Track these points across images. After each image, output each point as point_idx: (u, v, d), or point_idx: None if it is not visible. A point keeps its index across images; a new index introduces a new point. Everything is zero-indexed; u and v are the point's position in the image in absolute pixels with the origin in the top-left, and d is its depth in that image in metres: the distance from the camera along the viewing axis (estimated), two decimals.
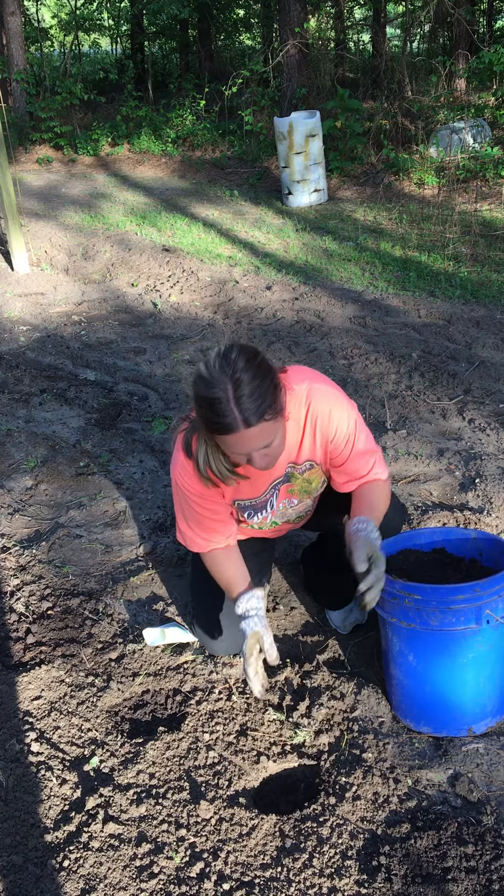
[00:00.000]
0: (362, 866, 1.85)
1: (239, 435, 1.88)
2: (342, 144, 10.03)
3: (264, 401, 1.86)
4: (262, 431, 1.89)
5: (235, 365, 1.84)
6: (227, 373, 1.84)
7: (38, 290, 6.40)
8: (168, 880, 1.82)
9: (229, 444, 1.93)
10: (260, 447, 1.93)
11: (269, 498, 2.33)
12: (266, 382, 1.87)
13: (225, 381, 1.83)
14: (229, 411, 1.83)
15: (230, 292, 6.17)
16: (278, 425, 1.96)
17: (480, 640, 2.09)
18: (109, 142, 12.62)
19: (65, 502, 3.45)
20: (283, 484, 2.31)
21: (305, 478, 2.31)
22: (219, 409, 1.84)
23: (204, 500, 2.25)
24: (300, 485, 2.32)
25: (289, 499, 2.36)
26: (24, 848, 1.89)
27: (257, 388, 1.85)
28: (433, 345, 5.02)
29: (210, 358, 1.88)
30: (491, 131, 9.66)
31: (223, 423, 1.85)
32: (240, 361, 1.85)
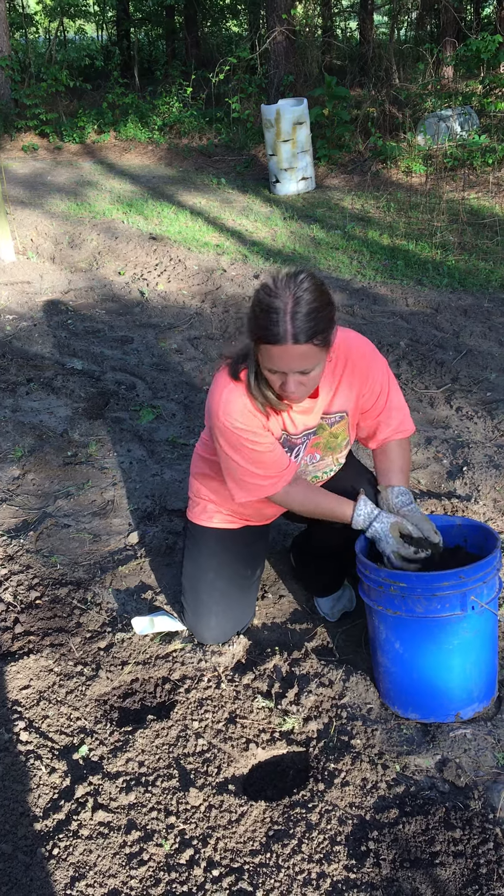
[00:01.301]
0: (351, 851, 1.86)
1: (284, 349, 1.93)
2: (330, 132, 10.00)
3: (317, 325, 1.93)
4: (306, 353, 1.95)
5: (301, 285, 1.93)
6: (291, 289, 1.92)
7: (24, 279, 6.36)
8: (158, 867, 1.83)
9: (273, 355, 1.97)
10: (299, 370, 1.98)
11: (299, 443, 2.32)
12: (324, 310, 1.95)
13: (287, 295, 1.91)
14: (283, 322, 1.91)
15: (218, 281, 6.15)
16: (322, 356, 2.01)
17: (466, 626, 2.11)
18: (95, 129, 12.53)
19: (52, 492, 3.44)
20: (313, 436, 2.33)
21: (332, 432, 2.33)
22: (274, 318, 1.91)
23: (256, 434, 2.18)
24: (326, 439, 2.34)
25: (312, 454, 2.37)
26: (13, 836, 1.90)
27: (314, 310, 1.92)
28: (421, 333, 5.03)
29: (280, 274, 1.97)
30: (478, 119, 9.64)
31: (273, 331, 1.92)
32: (305, 283, 1.93)
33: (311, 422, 2.30)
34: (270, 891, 1.78)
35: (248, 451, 2.21)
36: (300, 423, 2.28)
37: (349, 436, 2.39)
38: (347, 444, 2.41)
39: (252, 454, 2.21)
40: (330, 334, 2.00)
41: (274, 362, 1.98)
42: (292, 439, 2.31)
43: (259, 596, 2.79)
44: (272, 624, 2.68)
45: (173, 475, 3.53)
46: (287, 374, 2.00)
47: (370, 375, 2.29)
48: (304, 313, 1.91)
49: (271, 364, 2.00)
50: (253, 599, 2.61)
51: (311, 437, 2.34)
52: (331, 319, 1.99)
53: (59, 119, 12.57)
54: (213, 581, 2.50)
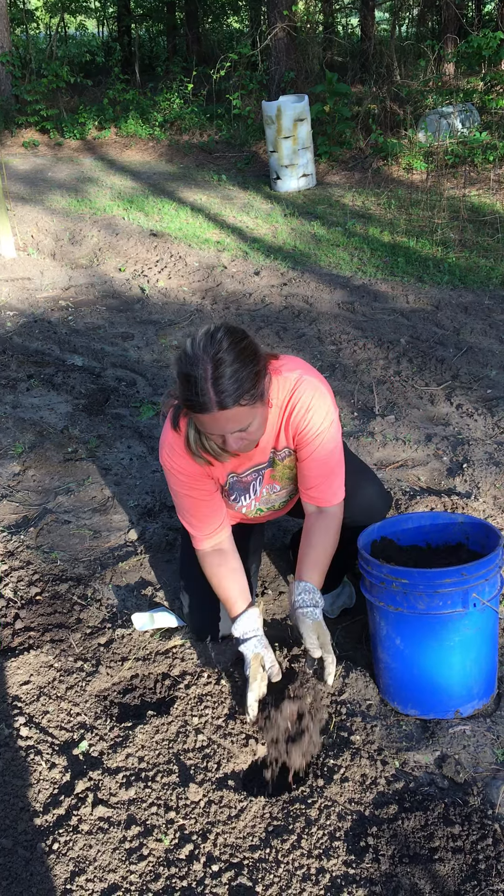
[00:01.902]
0: (350, 847, 1.87)
1: (213, 416, 1.88)
2: (330, 129, 9.98)
3: (241, 385, 1.86)
4: (236, 415, 1.89)
5: (220, 346, 1.85)
6: (210, 352, 1.84)
7: (25, 275, 6.36)
8: (157, 862, 1.83)
9: (204, 423, 1.94)
10: (234, 430, 1.94)
11: (252, 480, 2.33)
12: (248, 367, 1.88)
13: (206, 361, 1.84)
14: (205, 391, 1.84)
15: (218, 277, 6.15)
16: (255, 411, 1.95)
17: (467, 623, 2.11)
18: (96, 125, 12.52)
19: (53, 488, 3.44)
20: (267, 469, 2.32)
21: (286, 464, 2.31)
22: (196, 387, 1.85)
23: (193, 479, 2.23)
24: (281, 471, 2.33)
25: (271, 485, 2.37)
26: (13, 831, 1.90)
27: (237, 371, 1.85)
28: (421, 330, 5.03)
29: (197, 335, 1.89)
30: (479, 116, 9.63)
31: (198, 401, 1.86)
32: (224, 342, 1.86)
33: (260, 458, 2.28)
34: (270, 886, 1.79)
35: (186, 497, 2.27)
36: (246, 465, 2.28)
37: None
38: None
39: (189, 501, 2.28)
40: (258, 387, 1.92)
41: (207, 428, 1.96)
42: (242, 478, 2.32)
43: (259, 592, 2.79)
44: (272, 620, 2.69)
45: None
46: (226, 435, 1.96)
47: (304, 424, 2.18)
48: (226, 377, 1.83)
49: (205, 429, 1.98)
50: (252, 596, 2.61)
51: (267, 470, 2.32)
52: (257, 372, 1.91)
53: (60, 115, 12.55)
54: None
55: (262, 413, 2.01)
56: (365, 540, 2.32)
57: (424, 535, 2.45)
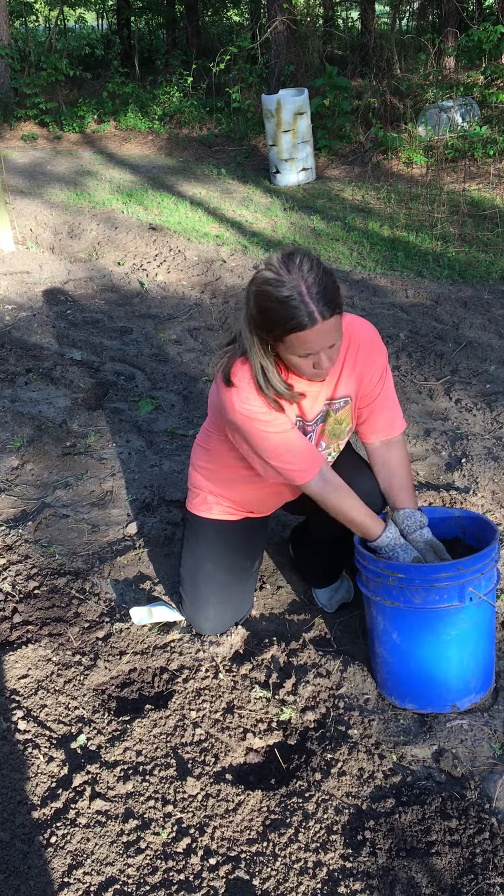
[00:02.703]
0: (347, 841, 1.87)
1: (315, 329, 1.93)
2: (330, 123, 9.96)
3: (335, 296, 1.96)
4: (335, 325, 1.97)
5: (302, 266, 1.92)
6: (297, 272, 1.91)
7: (24, 269, 6.35)
8: (155, 856, 1.84)
9: (307, 340, 1.96)
10: (331, 344, 1.99)
11: (310, 432, 2.31)
12: (332, 280, 1.96)
13: (297, 279, 1.91)
14: (306, 306, 1.90)
15: (217, 272, 6.14)
16: (341, 324, 2.02)
17: (464, 617, 2.11)
18: (95, 119, 12.48)
19: (51, 482, 3.44)
20: (321, 423, 2.32)
21: (337, 418, 2.32)
22: (294, 304, 1.91)
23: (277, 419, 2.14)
24: (331, 426, 2.33)
25: (318, 442, 2.36)
26: (11, 825, 1.90)
27: (327, 283, 1.93)
28: (420, 325, 5.02)
29: (273, 263, 1.95)
30: (479, 110, 9.61)
31: (300, 318, 1.91)
32: (305, 264, 1.93)
33: (319, 408, 2.29)
34: (267, 879, 1.79)
35: (273, 434, 2.15)
36: (311, 410, 2.28)
37: (352, 422, 2.38)
38: (350, 430, 2.39)
39: (280, 437, 2.15)
40: (342, 298, 2.02)
41: (309, 345, 1.97)
42: (307, 427, 2.30)
43: (257, 587, 2.79)
44: (270, 615, 2.69)
45: (172, 466, 3.53)
46: (320, 353, 2.00)
47: (372, 359, 2.28)
48: (320, 288, 1.92)
49: (305, 349, 1.98)
50: (251, 590, 2.62)
51: (320, 424, 2.33)
52: (337, 285, 2.00)
53: (59, 108, 12.51)
54: (211, 572, 2.51)
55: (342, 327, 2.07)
56: None
57: None
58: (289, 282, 1.91)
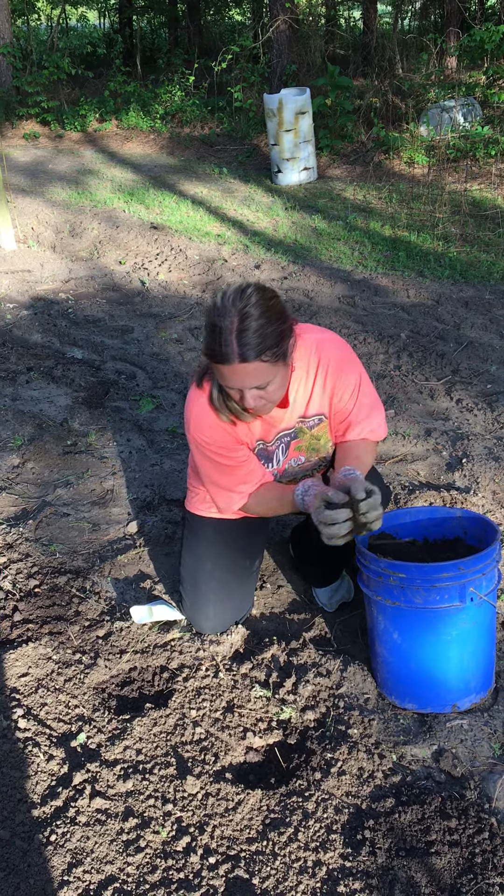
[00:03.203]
0: (347, 840, 1.87)
1: (233, 368, 1.93)
2: (332, 122, 9.95)
3: (265, 341, 1.90)
4: (256, 370, 1.93)
5: (248, 300, 1.91)
6: (238, 305, 1.90)
7: (25, 268, 6.35)
8: (154, 854, 1.84)
9: (224, 374, 1.97)
10: (253, 386, 1.98)
11: (275, 449, 2.33)
12: (273, 324, 1.92)
13: (233, 313, 1.89)
14: (229, 342, 1.89)
15: (219, 271, 6.14)
16: (276, 370, 1.98)
17: (464, 617, 2.11)
18: (97, 117, 12.47)
19: (52, 481, 3.44)
20: (293, 440, 2.32)
21: (314, 434, 2.32)
22: (220, 338, 1.90)
23: (222, 447, 2.22)
24: (308, 441, 2.33)
25: (296, 457, 2.37)
26: (11, 823, 1.91)
27: (262, 326, 1.90)
28: (422, 325, 5.02)
29: (229, 289, 1.95)
30: (481, 110, 9.60)
31: (221, 352, 1.91)
32: (253, 298, 1.91)
33: (287, 425, 2.30)
34: (266, 878, 1.79)
35: (217, 465, 2.26)
36: (272, 431, 2.29)
37: (331, 437, 2.38)
38: (332, 444, 2.40)
39: (222, 468, 2.26)
40: (282, 346, 1.96)
41: (226, 381, 2.00)
42: (268, 447, 2.33)
43: (258, 586, 2.79)
44: (270, 614, 2.69)
45: (172, 465, 3.54)
46: (244, 391, 2.00)
47: (342, 378, 2.26)
48: (251, 331, 1.88)
49: (224, 382, 2.02)
50: (251, 589, 2.62)
51: (293, 441, 2.33)
52: (283, 331, 1.95)
53: (61, 107, 12.50)
54: (211, 571, 2.51)
55: (283, 374, 2.04)
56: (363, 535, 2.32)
57: (422, 530, 2.45)
58: (226, 314, 1.90)
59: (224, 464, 2.26)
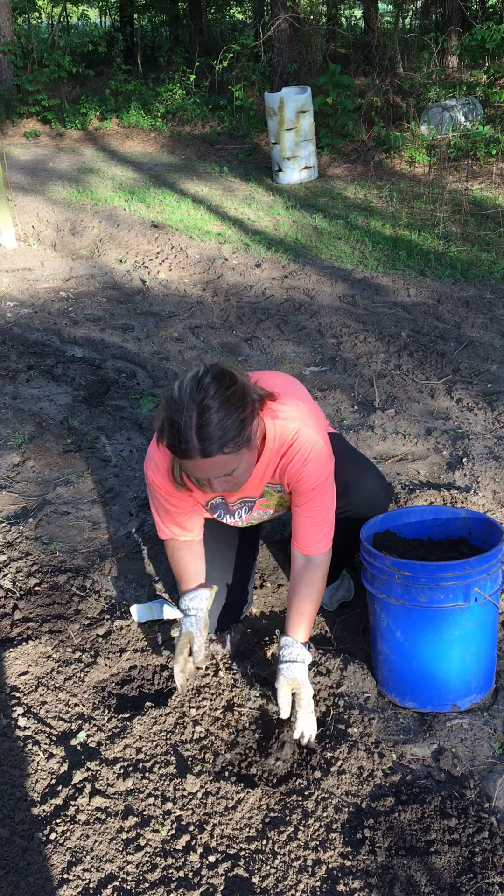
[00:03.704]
0: (347, 839, 1.87)
1: (195, 462, 1.87)
2: (333, 121, 9.95)
3: (225, 433, 1.83)
4: (219, 462, 1.88)
5: (206, 392, 1.82)
6: (196, 399, 1.82)
7: (26, 266, 6.35)
8: (154, 853, 1.84)
9: (187, 468, 1.94)
10: (218, 476, 1.93)
11: (237, 509, 2.33)
12: (233, 415, 1.85)
13: (191, 408, 1.81)
14: (189, 439, 1.82)
15: (219, 270, 6.14)
16: (240, 457, 1.92)
17: (468, 617, 2.11)
18: (98, 116, 12.47)
19: (52, 479, 3.44)
20: (260, 499, 2.31)
21: (281, 496, 2.31)
22: (180, 434, 1.83)
23: (171, 496, 2.26)
24: (277, 500, 2.33)
25: (265, 510, 2.37)
26: (10, 821, 1.90)
27: (222, 419, 1.82)
28: (422, 324, 5.02)
29: (185, 379, 1.87)
30: (482, 109, 9.60)
31: (181, 448, 1.85)
32: (210, 389, 1.83)
33: (251, 493, 2.27)
34: (266, 877, 1.79)
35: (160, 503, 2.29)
36: (232, 498, 2.28)
37: None
38: None
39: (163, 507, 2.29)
40: (244, 434, 1.88)
41: (190, 472, 1.97)
42: (230, 506, 2.33)
43: (257, 585, 2.79)
44: (270, 613, 2.69)
45: None
46: (210, 479, 1.95)
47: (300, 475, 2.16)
48: (211, 425, 1.81)
49: (189, 473, 1.99)
50: (249, 587, 2.62)
51: (260, 499, 2.31)
52: (244, 419, 1.88)
53: (62, 105, 12.50)
54: (208, 570, 2.50)
55: (248, 458, 1.98)
56: (367, 532, 2.32)
57: (426, 529, 2.45)
58: (183, 409, 1.82)
59: (167, 507, 2.29)
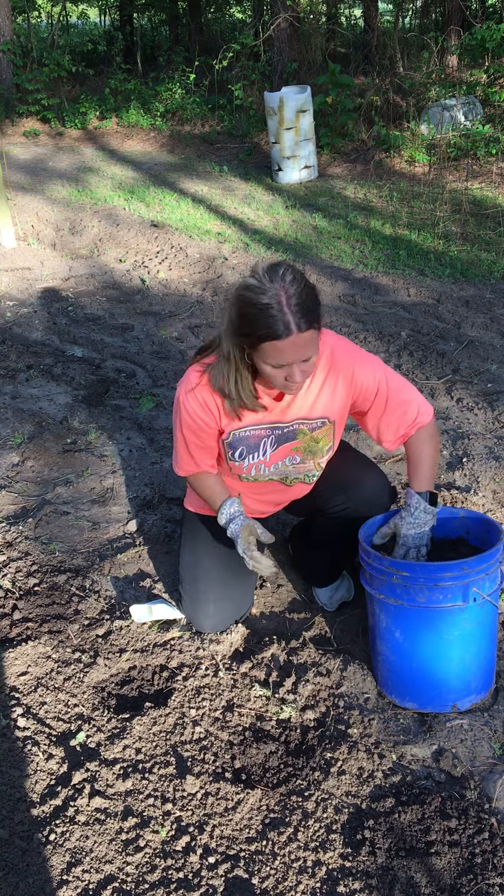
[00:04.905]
0: (347, 840, 1.87)
1: (290, 341, 1.94)
2: (333, 120, 9.94)
3: (314, 309, 1.96)
4: (311, 339, 1.97)
5: (284, 277, 1.93)
6: (278, 283, 1.92)
7: (25, 265, 6.34)
8: (154, 854, 1.83)
9: (280, 349, 1.97)
10: (304, 358, 2.00)
11: (264, 437, 2.30)
12: (313, 294, 1.97)
13: (277, 289, 1.92)
14: (283, 315, 1.91)
15: (219, 269, 6.13)
16: (317, 338, 2.02)
17: (467, 617, 2.11)
18: (97, 115, 12.45)
19: (52, 479, 3.44)
20: (290, 441, 2.31)
21: (313, 436, 2.31)
22: (272, 314, 1.92)
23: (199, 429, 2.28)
24: (306, 443, 2.32)
25: (292, 456, 2.34)
26: (10, 822, 1.90)
27: (307, 297, 1.94)
28: (422, 324, 5.02)
29: (257, 271, 1.96)
30: (482, 109, 9.59)
31: (276, 327, 1.92)
32: (288, 275, 1.94)
33: (278, 417, 2.27)
34: (266, 878, 1.79)
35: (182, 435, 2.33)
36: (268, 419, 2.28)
37: (332, 442, 2.36)
38: (330, 449, 2.37)
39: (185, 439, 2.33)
40: (321, 316, 2.02)
41: (282, 356, 1.98)
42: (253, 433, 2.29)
43: (257, 585, 2.79)
44: (270, 613, 2.68)
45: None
46: (293, 366, 2.00)
47: (356, 379, 2.25)
48: (300, 302, 1.92)
49: (277, 359, 1.99)
50: (251, 588, 2.61)
51: (290, 442, 2.31)
52: (319, 302, 2.01)
53: (61, 104, 12.48)
54: (209, 570, 2.50)
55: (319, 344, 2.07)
56: (366, 532, 2.32)
57: None
58: (270, 290, 1.92)
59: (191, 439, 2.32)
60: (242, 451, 2.31)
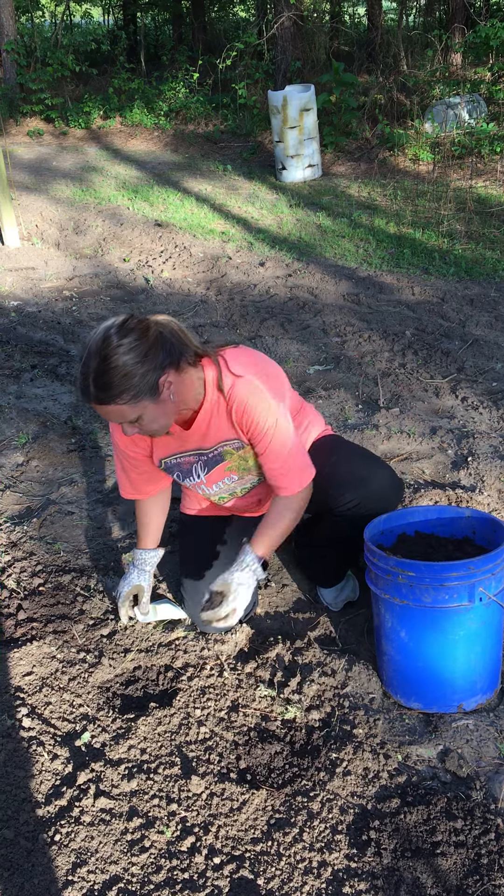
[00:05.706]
0: (352, 841, 1.86)
1: (95, 407, 2.00)
2: (336, 119, 9.93)
3: (121, 384, 1.91)
4: (112, 412, 1.99)
5: (110, 343, 1.90)
6: (98, 347, 1.91)
7: (29, 265, 6.34)
8: (159, 854, 1.83)
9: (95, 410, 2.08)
10: (117, 422, 2.06)
11: (193, 463, 2.35)
12: (134, 367, 1.91)
13: (94, 356, 1.91)
14: (87, 385, 1.93)
15: (223, 268, 6.13)
16: (142, 407, 1.99)
17: (473, 617, 2.10)
18: (101, 114, 12.46)
19: (56, 479, 3.44)
20: (221, 462, 2.32)
21: (241, 455, 2.31)
22: (80, 380, 1.95)
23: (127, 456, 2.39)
24: (237, 462, 2.33)
25: (229, 476, 2.37)
26: (15, 822, 1.90)
27: (118, 371, 1.90)
28: (427, 322, 5.01)
29: (100, 327, 1.96)
30: (486, 107, 9.57)
31: (82, 393, 1.98)
32: (114, 340, 1.91)
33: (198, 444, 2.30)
34: (271, 879, 1.78)
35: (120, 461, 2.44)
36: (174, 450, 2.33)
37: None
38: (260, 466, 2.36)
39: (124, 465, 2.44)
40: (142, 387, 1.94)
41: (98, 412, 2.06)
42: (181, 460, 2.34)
43: (262, 585, 2.78)
44: (275, 613, 2.68)
45: None
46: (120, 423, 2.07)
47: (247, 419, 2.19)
48: (106, 374, 1.90)
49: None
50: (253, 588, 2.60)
51: (221, 463, 2.32)
52: (144, 375, 1.93)
53: (65, 104, 12.49)
54: (209, 569, 2.50)
55: (153, 409, 2.02)
56: (371, 532, 2.31)
57: (431, 529, 2.44)
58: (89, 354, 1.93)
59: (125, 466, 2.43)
60: (179, 475, 2.41)
